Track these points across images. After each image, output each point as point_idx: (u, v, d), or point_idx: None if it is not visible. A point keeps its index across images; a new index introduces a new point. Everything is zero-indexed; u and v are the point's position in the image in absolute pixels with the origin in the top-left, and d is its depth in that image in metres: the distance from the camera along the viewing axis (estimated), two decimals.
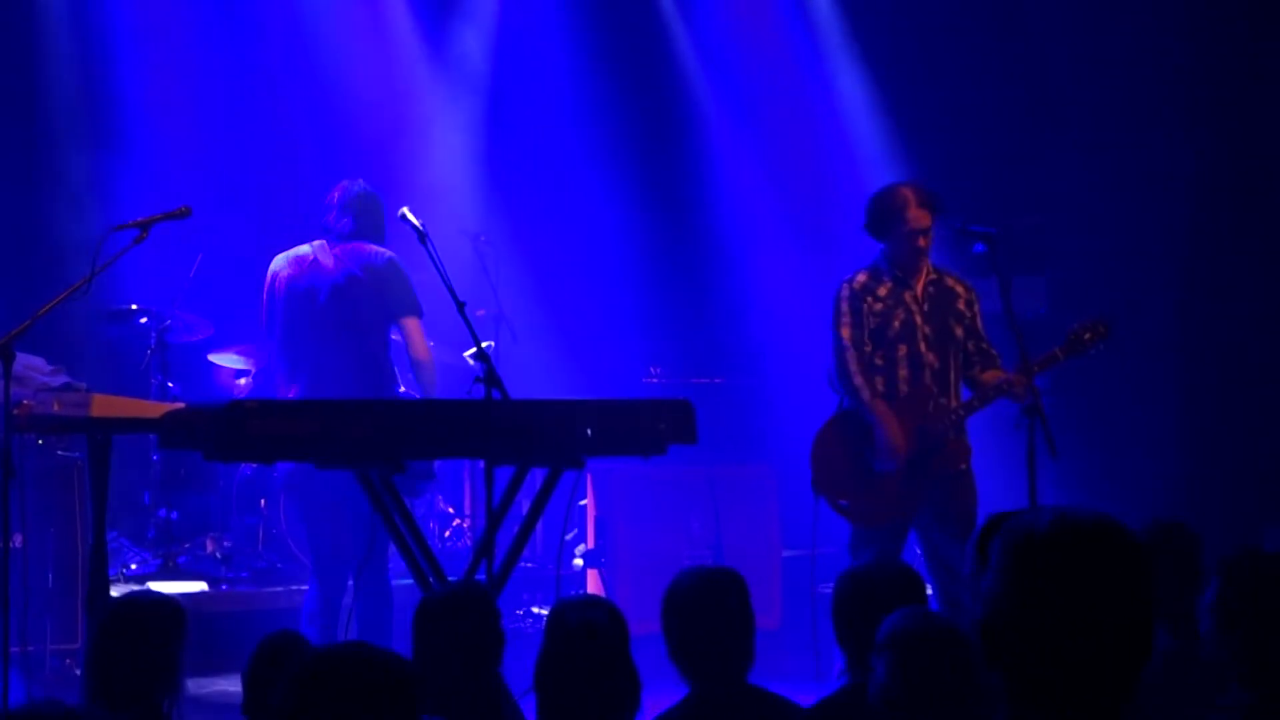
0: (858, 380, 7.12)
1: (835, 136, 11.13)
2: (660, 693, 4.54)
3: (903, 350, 7.15)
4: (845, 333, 7.18)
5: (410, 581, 6.04)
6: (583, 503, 9.33)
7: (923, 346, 7.15)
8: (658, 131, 11.54)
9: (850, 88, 11.08)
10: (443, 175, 11.06)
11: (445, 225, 8.57)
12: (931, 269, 7.26)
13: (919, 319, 7.16)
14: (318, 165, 10.37)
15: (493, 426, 5.65)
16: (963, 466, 7.14)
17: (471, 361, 8.80)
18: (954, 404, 7.12)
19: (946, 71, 10.79)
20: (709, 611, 4.43)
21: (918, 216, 7.12)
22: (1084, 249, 9.47)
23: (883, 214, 7.19)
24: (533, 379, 9.18)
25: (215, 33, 10.60)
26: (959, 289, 7.28)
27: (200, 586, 8.92)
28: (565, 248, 11.22)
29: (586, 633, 4.11)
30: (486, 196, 11.02)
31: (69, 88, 10.20)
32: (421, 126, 11.16)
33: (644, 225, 11.33)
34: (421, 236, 6.31)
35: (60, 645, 7.56)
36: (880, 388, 7.12)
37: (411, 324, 7.27)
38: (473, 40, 11.32)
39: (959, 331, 7.21)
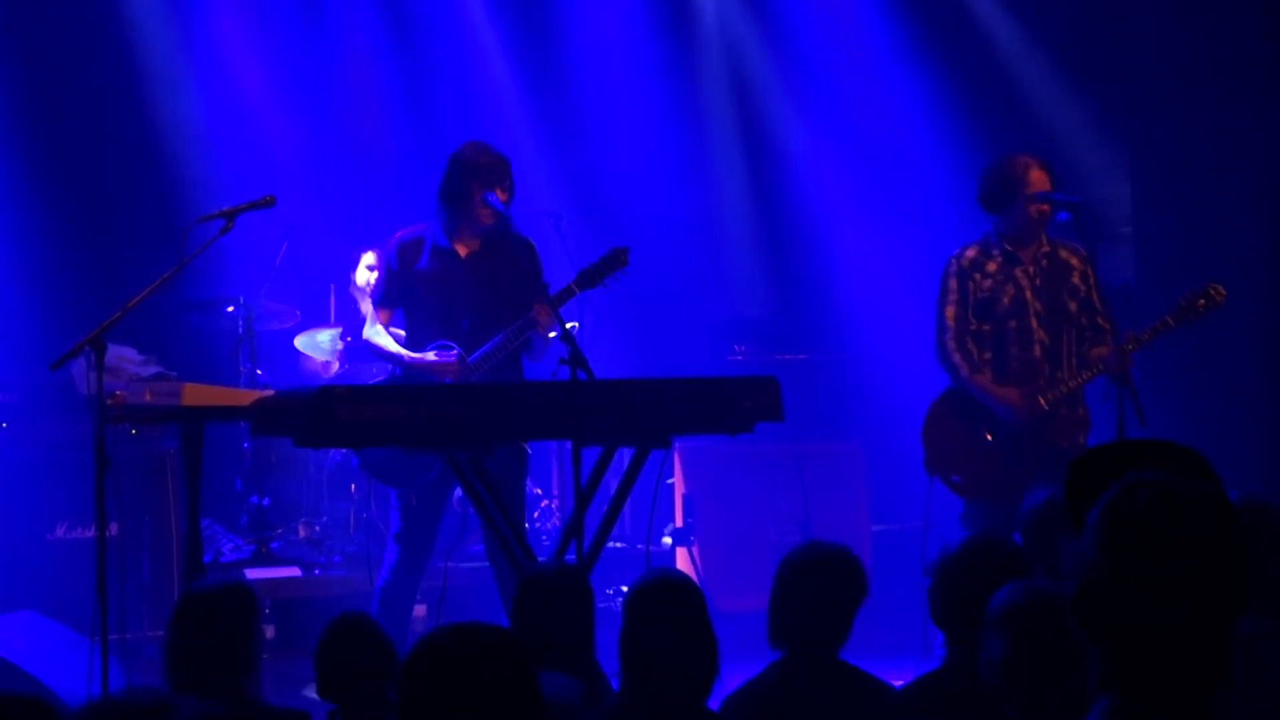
0: (955, 359, 7.08)
1: (923, 110, 11.04)
2: (748, 671, 4.55)
3: (1012, 324, 7.06)
4: (949, 311, 7.13)
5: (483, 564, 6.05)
6: (670, 481, 9.33)
7: (1034, 322, 7.06)
8: (741, 103, 11.49)
9: (938, 60, 10.98)
10: (523, 156, 11.05)
11: (526, 207, 8.58)
12: (1045, 240, 7.16)
13: (1029, 294, 7.07)
14: (401, 151, 10.42)
15: (579, 407, 5.66)
16: (1080, 440, 7.05)
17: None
18: (1066, 378, 7.05)
19: (1034, 42, 10.69)
20: (812, 580, 4.44)
21: (1040, 179, 7.03)
22: (1172, 216, 9.37)
23: (1002, 182, 7.08)
24: (618, 359, 9.18)
25: (301, 18, 10.67)
26: (1073, 260, 7.16)
27: (293, 571, 9.00)
28: (648, 226, 11.19)
29: (663, 604, 4.14)
30: (567, 177, 11.01)
31: (157, 78, 10.28)
32: (499, 109, 11.17)
33: (728, 201, 11.29)
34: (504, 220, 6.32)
35: (157, 631, 7.58)
36: (989, 361, 7.07)
37: None
38: (550, 20, 11.31)
39: (1073, 306, 7.10)
